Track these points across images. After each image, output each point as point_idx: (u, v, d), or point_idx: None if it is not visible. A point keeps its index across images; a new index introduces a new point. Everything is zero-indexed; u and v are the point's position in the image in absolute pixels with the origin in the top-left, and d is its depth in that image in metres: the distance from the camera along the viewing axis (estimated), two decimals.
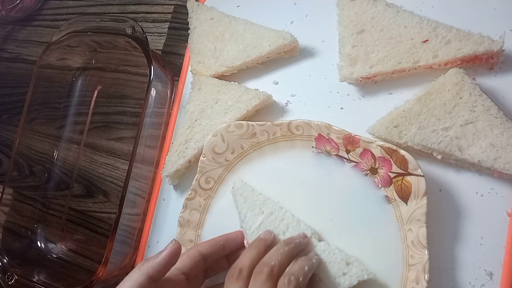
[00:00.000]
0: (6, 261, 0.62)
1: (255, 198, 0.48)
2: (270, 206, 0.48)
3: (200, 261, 0.45)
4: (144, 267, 0.40)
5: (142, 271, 0.40)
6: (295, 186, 0.50)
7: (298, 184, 0.50)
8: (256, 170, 0.52)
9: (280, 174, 0.51)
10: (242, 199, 0.49)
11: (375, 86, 0.52)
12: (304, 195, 0.50)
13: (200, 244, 0.47)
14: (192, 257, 0.44)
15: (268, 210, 0.47)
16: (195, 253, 0.45)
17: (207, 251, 0.45)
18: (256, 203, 0.48)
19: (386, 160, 0.46)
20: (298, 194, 0.50)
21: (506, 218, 0.44)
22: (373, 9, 0.52)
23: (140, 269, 0.40)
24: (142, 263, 0.41)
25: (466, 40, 0.47)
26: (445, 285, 0.45)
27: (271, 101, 0.56)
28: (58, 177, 0.70)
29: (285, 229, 0.46)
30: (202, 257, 0.45)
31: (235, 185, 0.50)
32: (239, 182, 0.50)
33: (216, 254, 0.46)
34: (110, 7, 0.75)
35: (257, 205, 0.48)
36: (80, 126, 0.71)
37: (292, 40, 0.55)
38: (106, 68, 0.71)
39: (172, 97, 0.63)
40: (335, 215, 0.48)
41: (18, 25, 0.83)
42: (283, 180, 0.51)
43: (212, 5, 0.62)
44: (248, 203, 0.48)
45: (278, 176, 0.51)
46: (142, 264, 0.41)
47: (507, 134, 0.44)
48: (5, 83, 0.81)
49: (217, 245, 0.46)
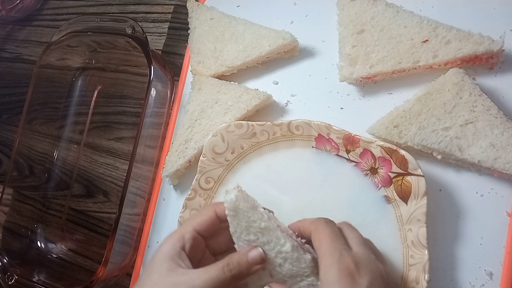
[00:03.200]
0: (6, 261, 0.62)
1: (250, 223, 0.40)
2: (266, 235, 0.39)
3: (216, 221, 0.43)
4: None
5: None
6: (295, 186, 0.50)
7: (298, 184, 0.50)
8: (256, 170, 0.52)
9: (280, 174, 0.51)
10: (236, 221, 0.40)
11: (375, 86, 0.52)
12: (304, 195, 0.50)
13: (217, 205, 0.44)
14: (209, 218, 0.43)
15: (264, 239, 0.40)
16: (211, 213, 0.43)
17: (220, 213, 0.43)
18: (251, 230, 0.40)
19: (386, 160, 0.46)
20: (298, 194, 0.50)
21: (506, 218, 0.44)
22: (373, 9, 0.52)
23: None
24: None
25: (466, 40, 0.47)
26: (445, 285, 0.45)
27: (271, 101, 0.56)
28: (58, 177, 0.70)
29: (282, 262, 0.39)
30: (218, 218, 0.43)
31: (227, 204, 0.40)
32: (230, 202, 0.40)
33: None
34: (110, 7, 0.75)
35: (251, 231, 0.40)
36: (80, 126, 0.71)
37: (292, 40, 0.55)
38: (106, 68, 0.71)
39: (172, 97, 0.63)
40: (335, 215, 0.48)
41: (18, 25, 0.83)
42: (283, 180, 0.51)
43: (212, 5, 0.62)
44: (242, 227, 0.40)
45: (277, 176, 0.51)
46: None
47: (507, 134, 0.44)
48: (5, 83, 0.81)
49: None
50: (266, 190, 0.50)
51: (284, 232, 0.40)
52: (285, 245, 0.39)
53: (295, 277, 0.39)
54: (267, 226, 0.39)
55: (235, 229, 0.41)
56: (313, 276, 0.38)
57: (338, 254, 0.35)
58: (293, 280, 0.39)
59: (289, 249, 0.38)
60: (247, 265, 0.39)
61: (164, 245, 0.41)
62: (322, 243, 0.37)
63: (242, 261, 0.39)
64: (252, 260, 0.39)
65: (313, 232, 0.39)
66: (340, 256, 0.35)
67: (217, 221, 0.43)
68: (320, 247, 0.37)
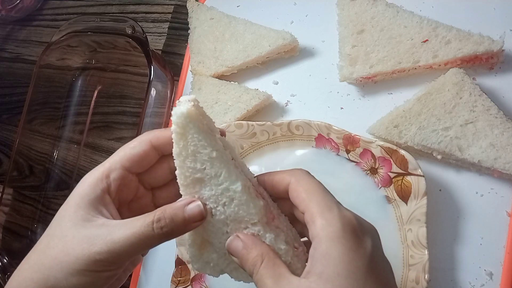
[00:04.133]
0: (6, 261, 0.62)
1: (199, 149, 0.32)
2: (216, 166, 0.32)
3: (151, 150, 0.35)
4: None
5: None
6: None
7: None
8: (256, 170, 0.52)
9: None
10: (182, 141, 0.32)
11: (375, 86, 0.52)
12: None
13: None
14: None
15: (212, 170, 0.32)
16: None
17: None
18: (198, 157, 0.32)
19: (386, 160, 0.46)
20: None
21: (506, 218, 0.44)
22: (373, 9, 0.52)
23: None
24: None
25: (466, 40, 0.47)
26: (445, 285, 0.45)
27: (271, 101, 0.56)
28: (58, 177, 0.70)
29: (228, 201, 0.33)
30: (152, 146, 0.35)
31: (174, 118, 0.32)
32: (180, 116, 0.31)
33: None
34: (110, 7, 0.75)
35: (199, 159, 0.32)
36: (80, 126, 0.71)
37: (292, 40, 0.55)
38: (106, 68, 0.71)
39: (172, 97, 0.63)
40: None
41: (18, 25, 0.83)
42: None
43: (212, 5, 0.62)
44: (189, 151, 0.32)
45: None
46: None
47: (507, 134, 0.44)
48: (5, 83, 0.81)
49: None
50: None
51: (239, 168, 0.34)
52: (235, 183, 0.32)
53: (239, 222, 0.33)
54: (219, 157, 0.32)
55: (180, 152, 0.32)
56: (260, 225, 0.33)
57: (336, 208, 0.30)
58: (236, 225, 0.33)
59: (239, 188, 0.32)
60: (183, 222, 0.32)
61: (82, 185, 0.34)
62: (313, 195, 0.31)
63: (177, 217, 0.32)
64: (189, 217, 0.32)
65: (293, 182, 0.32)
66: (339, 211, 0.30)
67: (153, 153, 0.35)
68: (310, 199, 0.31)
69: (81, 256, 0.31)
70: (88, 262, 0.30)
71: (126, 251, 0.31)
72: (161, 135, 0.34)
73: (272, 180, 0.34)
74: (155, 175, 0.36)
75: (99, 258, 0.30)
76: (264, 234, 0.32)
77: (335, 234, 0.28)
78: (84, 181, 0.34)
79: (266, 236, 0.32)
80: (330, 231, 0.29)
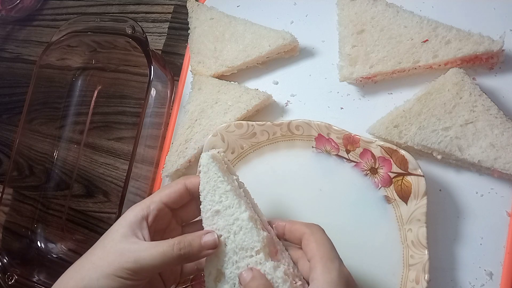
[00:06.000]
0: (6, 261, 0.62)
1: (218, 183, 0.41)
2: (230, 198, 0.40)
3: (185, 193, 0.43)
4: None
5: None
6: (294, 186, 0.50)
7: (297, 184, 0.50)
8: (256, 170, 0.52)
9: (280, 174, 0.51)
10: (206, 178, 0.41)
11: (375, 86, 0.52)
12: (304, 195, 0.50)
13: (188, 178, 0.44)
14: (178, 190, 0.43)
15: (227, 202, 0.40)
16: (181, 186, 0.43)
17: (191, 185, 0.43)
18: (217, 191, 0.40)
19: (386, 160, 0.46)
20: (298, 194, 0.50)
21: (506, 218, 0.44)
22: (373, 9, 0.52)
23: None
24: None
25: (466, 40, 0.47)
26: (445, 285, 0.45)
27: (271, 101, 0.56)
28: (58, 177, 0.70)
29: (237, 230, 0.39)
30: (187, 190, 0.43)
31: (202, 160, 0.42)
32: (206, 158, 0.42)
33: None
34: (110, 7, 0.75)
35: (217, 192, 0.40)
36: (80, 126, 0.71)
37: (292, 40, 0.55)
38: (106, 68, 0.71)
39: (172, 97, 0.63)
40: (335, 215, 0.48)
41: (18, 25, 0.83)
42: (283, 180, 0.51)
43: (212, 5, 0.62)
44: (210, 186, 0.41)
45: (277, 176, 0.51)
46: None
47: (507, 134, 0.44)
48: (5, 83, 0.81)
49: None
50: (266, 190, 0.50)
51: (250, 204, 0.41)
52: (243, 212, 0.39)
53: (246, 250, 0.38)
54: (233, 191, 0.40)
55: (203, 187, 0.41)
56: (262, 254, 0.37)
57: (338, 262, 0.36)
58: (243, 253, 0.38)
59: (245, 216, 0.38)
60: (199, 248, 0.38)
61: (127, 212, 0.41)
62: (322, 247, 0.37)
63: (194, 243, 0.38)
64: (204, 244, 0.38)
65: (307, 233, 0.39)
66: (340, 265, 0.36)
67: (186, 194, 0.43)
68: (319, 249, 0.37)
69: (113, 262, 0.37)
70: (117, 268, 0.37)
71: (149, 264, 0.37)
72: (194, 180, 0.42)
73: (291, 227, 0.41)
74: (186, 212, 0.44)
75: (126, 266, 0.37)
76: (265, 262, 0.37)
77: (332, 280, 0.35)
78: (132, 208, 0.41)
79: (266, 264, 0.37)
80: (328, 277, 0.35)
